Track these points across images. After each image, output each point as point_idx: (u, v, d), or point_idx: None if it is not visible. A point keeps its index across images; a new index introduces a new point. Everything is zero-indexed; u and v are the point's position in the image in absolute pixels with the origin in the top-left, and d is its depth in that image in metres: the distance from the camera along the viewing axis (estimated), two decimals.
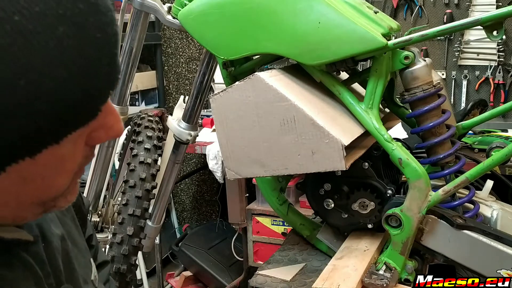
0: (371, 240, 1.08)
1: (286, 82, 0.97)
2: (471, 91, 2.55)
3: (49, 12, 0.34)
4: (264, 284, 1.10)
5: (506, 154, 0.92)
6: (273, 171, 0.98)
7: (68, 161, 0.41)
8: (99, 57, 0.37)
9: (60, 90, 0.35)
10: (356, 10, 0.99)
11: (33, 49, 0.33)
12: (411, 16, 2.57)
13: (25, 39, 0.33)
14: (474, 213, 1.03)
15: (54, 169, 0.40)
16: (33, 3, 0.33)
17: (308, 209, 1.27)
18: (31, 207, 0.42)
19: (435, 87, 1.00)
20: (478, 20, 0.90)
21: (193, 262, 2.69)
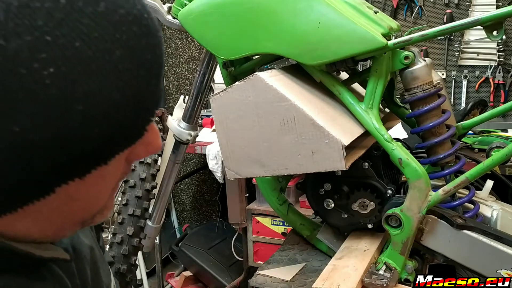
0: (371, 240, 1.08)
1: (286, 82, 0.97)
2: (471, 91, 2.55)
3: (107, 37, 0.34)
4: (264, 284, 1.10)
5: (506, 154, 0.92)
6: (273, 171, 0.98)
7: (111, 179, 0.42)
8: (149, 79, 0.38)
9: (114, 113, 0.35)
10: (356, 10, 0.99)
11: (91, 75, 0.33)
12: (411, 16, 2.57)
13: (85, 65, 0.33)
14: (474, 213, 1.03)
15: (99, 187, 0.40)
16: (92, 29, 0.33)
17: (308, 209, 1.27)
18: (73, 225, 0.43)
19: (435, 87, 1.00)
20: (478, 20, 0.90)
21: (193, 262, 2.69)
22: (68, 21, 0.32)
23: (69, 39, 0.32)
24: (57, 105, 0.32)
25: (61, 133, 0.33)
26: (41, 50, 0.31)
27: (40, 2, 0.31)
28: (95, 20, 0.34)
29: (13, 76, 0.31)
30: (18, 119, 0.31)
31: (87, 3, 0.33)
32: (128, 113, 0.36)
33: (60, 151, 0.33)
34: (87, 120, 0.34)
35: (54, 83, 0.32)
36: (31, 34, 0.31)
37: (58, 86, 0.32)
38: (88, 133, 0.34)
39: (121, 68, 0.35)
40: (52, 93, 0.32)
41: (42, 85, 0.31)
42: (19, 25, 0.30)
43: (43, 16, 0.31)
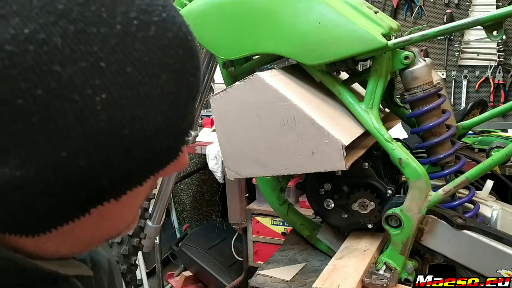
0: (371, 240, 1.08)
1: (286, 82, 0.97)
2: (471, 91, 2.55)
3: (156, 61, 0.34)
4: (264, 284, 1.10)
5: (506, 154, 0.92)
6: (273, 171, 0.98)
7: (142, 197, 0.42)
8: (188, 101, 0.38)
9: (156, 137, 0.35)
10: (356, 10, 0.99)
11: (139, 100, 0.33)
12: (411, 16, 2.57)
13: (134, 90, 0.33)
14: (474, 213, 1.03)
15: (131, 206, 0.41)
16: (143, 54, 0.33)
17: (308, 209, 1.27)
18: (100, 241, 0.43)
19: (435, 87, 1.00)
20: (478, 20, 0.90)
21: (193, 262, 2.69)
22: (121, 46, 0.32)
23: (122, 65, 0.32)
24: (105, 130, 0.32)
25: (105, 158, 0.33)
26: (95, 76, 0.31)
27: (96, 28, 0.31)
28: (146, 44, 0.33)
29: (66, 102, 0.30)
30: (67, 144, 0.31)
31: (139, 28, 0.33)
32: (169, 135, 0.36)
33: (102, 175, 0.33)
34: (131, 145, 0.34)
35: (104, 109, 0.32)
36: (87, 60, 0.31)
37: (108, 112, 0.32)
38: (130, 156, 0.34)
39: (166, 92, 0.35)
40: (102, 118, 0.32)
41: (93, 111, 0.31)
42: (75, 51, 0.30)
43: (98, 41, 0.31)
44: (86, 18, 0.31)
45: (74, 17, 0.30)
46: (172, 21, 0.36)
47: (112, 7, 0.32)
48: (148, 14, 0.34)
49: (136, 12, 0.33)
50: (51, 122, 0.30)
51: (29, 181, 0.31)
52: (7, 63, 0.29)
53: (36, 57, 0.29)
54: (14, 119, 0.29)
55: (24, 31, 0.29)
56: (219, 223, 2.97)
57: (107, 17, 0.32)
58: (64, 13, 0.30)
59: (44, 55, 0.29)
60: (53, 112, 0.30)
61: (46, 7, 0.30)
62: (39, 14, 0.29)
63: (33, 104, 0.30)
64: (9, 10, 0.29)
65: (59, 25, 0.30)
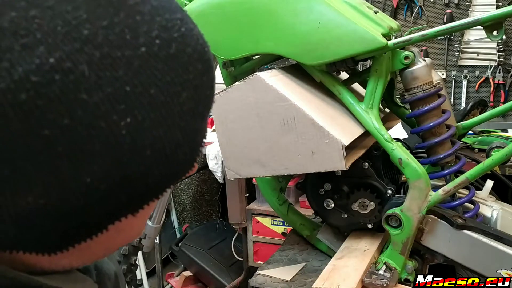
0: (371, 240, 1.08)
1: (286, 82, 0.97)
2: (471, 91, 2.55)
3: (177, 79, 0.33)
4: (264, 284, 1.10)
5: (506, 154, 0.92)
6: (273, 171, 0.98)
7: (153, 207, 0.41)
8: (205, 114, 0.37)
9: (175, 153, 0.35)
10: (356, 10, 0.99)
11: (161, 120, 0.32)
12: (411, 16, 2.57)
13: (157, 111, 0.32)
14: (474, 213, 1.03)
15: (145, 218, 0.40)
16: (165, 73, 0.32)
17: (308, 209, 1.27)
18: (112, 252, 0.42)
19: (435, 87, 1.00)
20: (478, 20, 0.90)
21: (193, 262, 2.69)
22: (145, 68, 0.31)
23: (146, 87, 0.31)
24: (128, 153, 0.32)
25: (126, 178, 0.33)
26: (120, 101, 0.30)
27: (120, 51, 0.30)
28: (168, 63, 0.33)
29: (92, 130, 0.30)
30: (91, 170, 0.31)
31: (161, 47, 0.32)
32: (186, 149, 0.36)
33: (121, 194, 0.33)
34: (151, 163, 0.33)
35: (129, 133, 0.31)
36: (112, 85, 0.30)
37: (132, 135, 0.31)
38: (150, 174, 0.34)
39: (185, 109, 0.34)
40: (126, 142, 0.31)
41: (118, 136, 0.31)
42: (101, 77, 0.30)
43: (123, 65, 0.30)
44: (110, 42, 0.30)
45: (99, 42, 0.30)
46: (191, 34, 0.35)
47: (134, 27, 0.31)
48: (169, 30, 0.33)
49: (158, 30, 0.33)
50: (76, 150, 0.30)
51: (52, 207, 0.31)
52: (33, 94, 0.28)
53: (62, 87, 0.28)
54: (40, 149, 0.29)
55: (50, 61, 0.28)
56: (219, 223, 2.97)
57: (131, 38, 0.31)
58: (89, 39, 0.29)
59: (70, 83, 0.29)
60: (78, 140, 0.30)
61: (70, 33, 0.29)
62: (64, 41, 0.29)
63: (59, 133, 0.29)
64: (33, 38, 0.28)
65: (84, 51, 0.29)
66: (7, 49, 0.27)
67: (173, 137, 0.34)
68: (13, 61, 0.27)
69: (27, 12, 0.28)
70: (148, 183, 0.34)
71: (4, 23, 0.27)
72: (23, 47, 0.27)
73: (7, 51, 0.27)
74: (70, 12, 0.29)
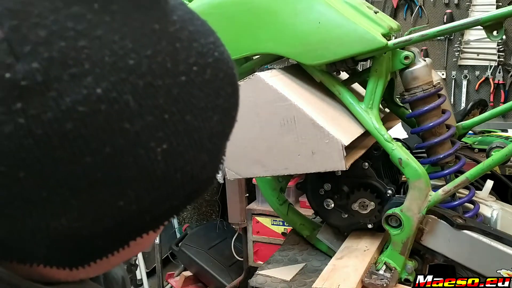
0: (371, 240, 1.08)
1: (286, 82, 0.97)
2: (471, 91, 2.55)
3: (210, 105, 0.34)
4: (264, 284, 1.10)
5: (506, 154, 0.92)
6: (273, 171, 0.98)
7: None
8: (229, 134, 0.38)
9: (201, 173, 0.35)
10: (356, 10, 0.99)
11: (193, 145, 0.33)
12: (411, 16, 2.57)
13: (190, 137, 0.33)
14: (474, 213, 1.03)
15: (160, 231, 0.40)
16: (200, 100, 0.33)
17: (308, 209, 1.27)
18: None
19: (435, 87, 1.00)
20: (478, 20, 0.90)
21: (193, 262, 2.69)
22: (182, 95, 0.32)
23: (182, 114, 0.32)
24: (161, 177, 0.32)
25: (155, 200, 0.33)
26: (159, 128, 0.31)
27: (162, 80, 0.30)
28: (203, 89, 0.33)
29: (131, 157, 0.30)
30: (126, 195, 0.31)
31: (198, 74, 0.33)
32: (210, 169, 0.36)
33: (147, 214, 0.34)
34: (179, 185, 0.34)
35: (163, 158, 0.32)
36: (153, 114, 0.30)
37: (166, 160, 0.32)
38: (176, 195, 0.34)
39: (215, 132, 0.35)
40: (160, 167, 0.32)
41: (154, 162, 0.31)
42: (142, 106, 0.30)
43: (163, 93, 0.31)
44: (153, 71, 0.30)
45: (143, 71, 0.30)
46: (222, 58, 0.36)
47: (174, 55, 0.32)
48: (204, 56, 0.34)
49: (195, 56, 0.33)
50: (114, 176, 0.30)
51: (84, 230, 0.31)
52: (78, 124, 0.28)
53: (107, 116, 0.29)
54: (79, 175, 0.29)
55: (97, 91, 0.28)
56: (219, 223, 2.97)
57: (171, 66, 0.31)
58: (134, 68, 0.29)
59: (114, 113, 0.29)
60: (117, 167, 0.30)
61: (117, 63, 0.29)
62: (111, 71, 0.29)
63: (100, 161, 0.29)
64: (81, 69, 0.28)
65: (129, 81, 0.29)
66: (56, 79, 0.27)
67: (201, 159, 0.34)
68: (61, 91, 0.27)
69: (76, 42, 0.28)
70: (173, 203, 0.35)
71: (54, 53, 0.27)
72: (71, 77, 0.28)
73: (56, 81, 0.27)
74: (117, 42, 0.29)
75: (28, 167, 0.28)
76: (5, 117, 0.27)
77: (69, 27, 0.28)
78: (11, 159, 0.27)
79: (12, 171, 0.28)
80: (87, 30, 0.28)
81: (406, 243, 0.96)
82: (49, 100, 0.27)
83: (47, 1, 0.28)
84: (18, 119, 0.27)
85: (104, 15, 0.29)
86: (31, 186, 0.28)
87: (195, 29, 0.34)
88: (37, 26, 0.27)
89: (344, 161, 0.90)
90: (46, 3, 0.28)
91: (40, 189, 0.29)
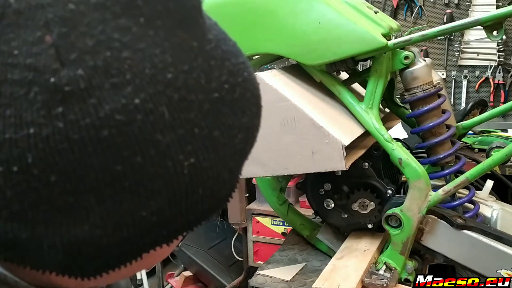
0: (371, 240, 1.08)
1: (286, 82, 0.97)
2: (471, 91, 2.55)
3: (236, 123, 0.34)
4: (264, 284, 1.10)
5: (506, 154, 0.92)
6: (273, 171, 0.98)
7: None
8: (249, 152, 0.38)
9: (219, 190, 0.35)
10: (356, 10, 0.99)
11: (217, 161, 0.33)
12: (411, 16, 2.57)
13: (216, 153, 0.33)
14: (474, 213, 1.03)
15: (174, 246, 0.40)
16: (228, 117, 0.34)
17: (308, 209, 1.27)
18: None
19: (435, 87, 1.00)
20: (478, 20, 0.90)
21: (193, 262, 2.69)
22: (212, 111, 0.32)
23: (211, 130, 0.32)
24: (184, 191, 0.32)
25: (175, 213, 0.33)
26: (188, 142, 0.31)
27: (195, 94, 0.31)
28: (231, 108, 0.34)
29: (159, 168, 0.31)
30: (149, 205, 0.31)
31: (228, 92, 0.34)
32: (229, 187, 0.37)
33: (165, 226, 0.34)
34: (198, 200, 0.34)
35: (189, 172, 0.32)
36: (184, 127, 0.31)
37: (191, 175, 0.32)
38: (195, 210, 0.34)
39: (237, 149, 0.35)
40: (185, 181, 0.32)
41: (180, 175, 0.32)
42: (175, 119, 0.31)
43: (195, 108, 0.31)
44: (188, 86, 0.31)
45: (178, 85, 0.31)
46: (250, 78, 0.37)
47: (208, 72, 0.32)
48: (235, 75, 0.35)
49: (226, 75, 0.34)
50: (140, 186, 0.31)
51: (104, 238, 0.31)
52: (114, 132, 0.29)
53: (142, 126, 0.29)
54: (107, 183, 0.30)
55: (135, 101, 0.29)
56: (219, 223, 2.97)
57: (205, 83, 0.32)
58: (171, 82, 0.30)
59: (149, 124, 0.30)
60: (145, 177, 0.30)
61: (156, 76, 0.30)
62: (150, 83, 0.29)
63: (130, 170, 0.30)
64: (122, 79, 0.29)
65: (165, 94, 0.30)
66: (98, 87, 0.28)
67: (222, 176, 0.35)
68: (101, 98, 0.28)
69: (120, 52, 0.29)
70: (189, 217, 0.35)
71: (98, 62, 0.28)
72: (112, 86, 0.28)
73: (97, 89, 0.28)
74: (158, 56, 0.30)
75: (59, 172, 0.28)
76: (45, 120, 0.27)
77: (115, 38, 0.29)
78: (45, 162, 0.28)
79: (43, 175, 0.28)
80: (131, 42, 0.29)
81: (406, 243, 0.96)
82: (89, 107, 0.28)
83: (97, 12, 0.29)
84: (58, 123, 0.27)
85: (148, 29, 0.30)
86: (59, 191, 0.29)
87: (228, 49, 0.35)
88: (85, 35, 0.28)
89: (344, 161, 0.90)
90: (96, 14, 0.28)
91: (68, 195, 0.29)
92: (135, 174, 0.30)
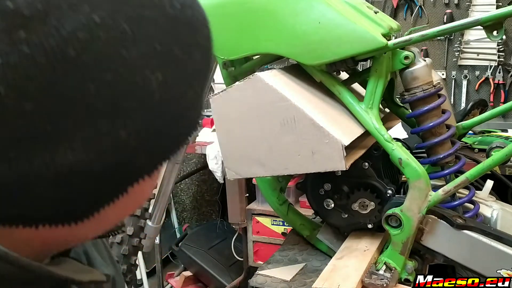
0: (371, 240, 1.08)
1: (286, 82, 0.97)
2: (471, 91, 2.55)
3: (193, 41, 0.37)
4: (264, 284, 1.10)
5: (506, 154, 0.92)
6: (273, 171, 0.98)
7: None
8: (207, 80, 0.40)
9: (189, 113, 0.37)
10: (356, 10, 0.99)
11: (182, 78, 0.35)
12: (411, 16, 2.57)
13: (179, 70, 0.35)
14: (474, 213, 1.03)
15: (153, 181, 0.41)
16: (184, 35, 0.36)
17: (308, 209, 1.27)
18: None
19: (435, 87, 1.00)
20: (478, 20, 0.90)
21: (193, 262, 2.69)
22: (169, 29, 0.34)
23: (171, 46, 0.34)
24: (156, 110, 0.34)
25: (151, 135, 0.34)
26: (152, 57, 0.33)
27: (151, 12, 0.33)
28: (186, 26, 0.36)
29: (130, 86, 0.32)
30: (126, 126, 0.32)
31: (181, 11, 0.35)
32: (194, 111, 0.38)
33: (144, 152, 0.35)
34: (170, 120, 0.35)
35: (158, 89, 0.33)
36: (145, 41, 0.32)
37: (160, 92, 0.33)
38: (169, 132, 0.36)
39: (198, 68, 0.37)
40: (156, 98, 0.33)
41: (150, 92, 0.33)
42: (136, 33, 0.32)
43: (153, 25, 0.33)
44: (142, 4, 0.33)
45: (134, 3, 0.32)
46: (197, 3, 0.39)
47: None
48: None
49: None
50: (116, 106, 0.31)
51: (88, 165, 0.32)
52: (80, 51, 0.29)
53: (106, 42, 0.30)
54: (81, 105, 0.30)
55: (95, 18, 0.30)
56: (219, 223, 2.97)
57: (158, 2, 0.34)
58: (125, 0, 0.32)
59: (112, 40, 0.30)
60: (120, 96, 0.31)
61: None
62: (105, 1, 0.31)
63: (102, 89, 0.30)
64: None
65: (122, 10, 0.31)
66: (55, 7, 0.29)
67: (189, 96, 0.37)
68: (60, 18, 0.29)
69: None
70: (166, 142, 0.36)
71: None
72: (69, 5, 0.29)
73: (55, 9, 0.29)
74: None
75: (33, 99, 0.28)
76: (9, 48, 0.27)
77: None
78: (17, 92, 0.28)
79: (18, 104, 0.28)
80: None
81: (406, 243, 0.96)
82: (51, 28, 0.28)
83: None
84: (22, 47, 0.28)
85: None
86: (36, 120, 0.29)
87: None
88: None
89: (344, 161, 0.90)
90: None
91: (45, 123, 0.29)
92: (108, 94, 0.31)
